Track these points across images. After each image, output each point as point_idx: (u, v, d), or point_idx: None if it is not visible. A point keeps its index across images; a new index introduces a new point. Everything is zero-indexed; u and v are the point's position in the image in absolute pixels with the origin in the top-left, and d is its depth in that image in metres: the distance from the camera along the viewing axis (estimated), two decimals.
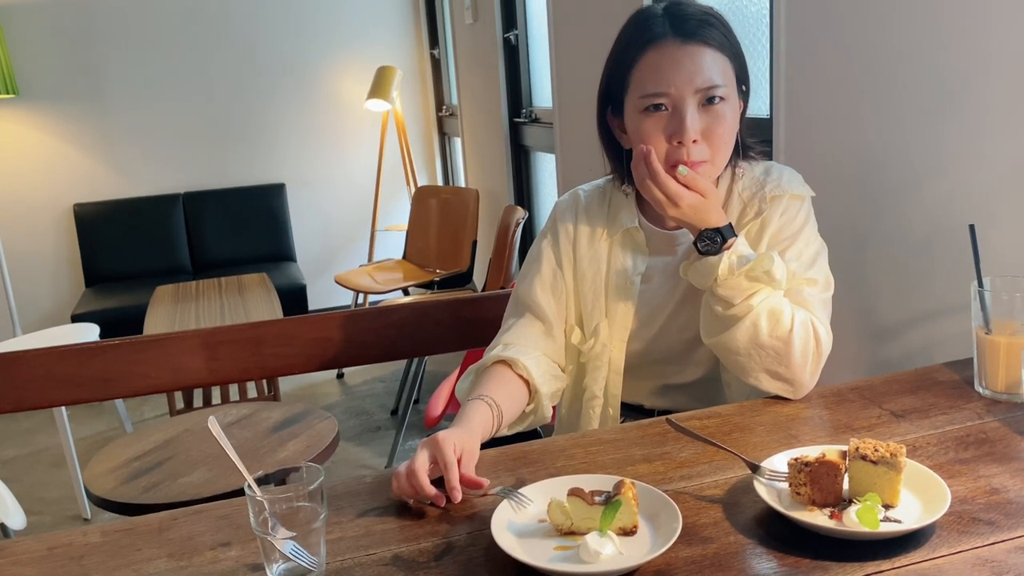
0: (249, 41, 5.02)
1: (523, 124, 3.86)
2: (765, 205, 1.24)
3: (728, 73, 1.18)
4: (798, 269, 1.21)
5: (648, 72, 1.17)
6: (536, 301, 1.32)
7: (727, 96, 1.17)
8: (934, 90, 1.38)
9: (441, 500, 0.96)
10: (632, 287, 1.29)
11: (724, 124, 1.17)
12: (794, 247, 1.22)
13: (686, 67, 1.15)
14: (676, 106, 1.16)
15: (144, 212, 4.93)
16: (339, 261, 5.34)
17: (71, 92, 4.78)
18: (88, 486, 1.86)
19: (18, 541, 0.97)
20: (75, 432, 3.33)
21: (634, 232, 1.30)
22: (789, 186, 1.26)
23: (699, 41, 1.16)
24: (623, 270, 1.30)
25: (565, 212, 1.36)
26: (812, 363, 1.17)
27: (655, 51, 1.17)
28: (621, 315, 1.29)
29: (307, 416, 2.13)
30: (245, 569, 0.88)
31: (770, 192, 1.25)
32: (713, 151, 1.18)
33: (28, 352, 1.65)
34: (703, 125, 1.16)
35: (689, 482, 0.98)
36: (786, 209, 1.24)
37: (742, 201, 1.27)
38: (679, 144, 1.16)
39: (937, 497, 0.86)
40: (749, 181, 1.28)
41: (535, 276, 1.34)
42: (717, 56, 1.17)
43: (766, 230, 1.24)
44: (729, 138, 1.19)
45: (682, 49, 1.16)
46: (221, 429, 0.93)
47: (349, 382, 4.24)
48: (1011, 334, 1.12)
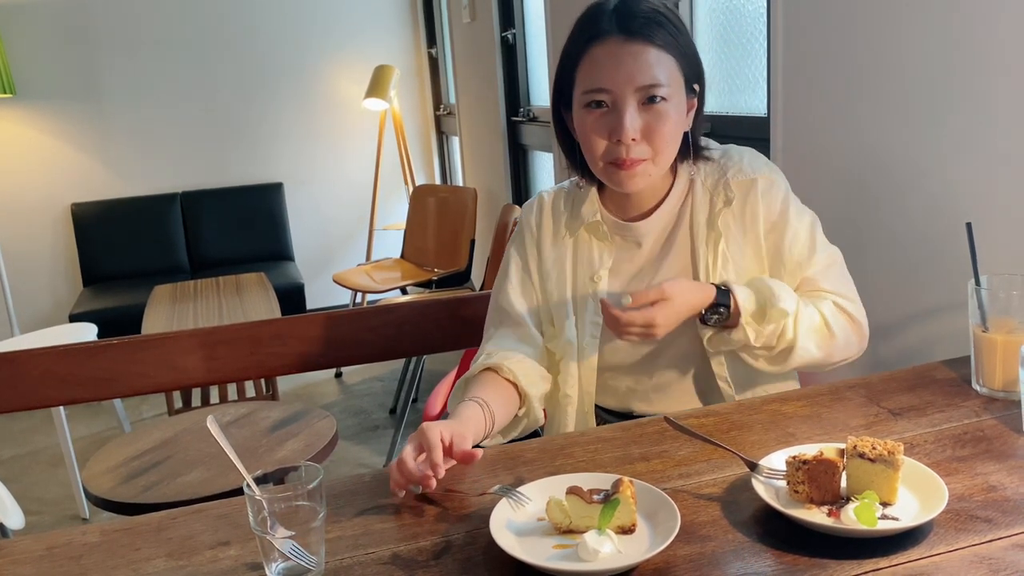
0: (247, 41, 5.01)
1: (521, 123, 3.86)
2: (732, 192, 1.24)
3: (673, 72, 1.17)
4: (800, 254, 1.22)
5: (590, 68, 1.18)
6: (511, 307, 1.33)
7: (670, 96, 1.16)
8: (931, 88, 1.38)
9: (429, 482, 0.96)
10: (600, 282, 1.28)
11: (666, 123, 1.16)
12: (788, 232, 1.23)
13: (627, 65, 1.15)
14: (616, 104, 1.16)
15: (142, 212, 4.93)
16: (337, 260, 5.34)
17: (68, 91, 4.77)
18: (87, 486, 1.86)
19: (17, 541, 0.97)
20: (73, 432, 3.33)
21: (596, 226, 1.29)
22: (753, 168, 1.24)
23: (643, 39, 1.15)
24: (589, 265, 1.29)
25: (529, 215, 1.36)
26: (856, 339, 1.24)
27: (599, 47, 1.17)
28: (591, 312, 1.28)
29: (305, 415, 2.13)
30: (244, 568, 0.88)
31: (733, 177, 1.24)
32: (655, 150, 1.18)
33: (26, 352, 1.65)
34: (643, 124, 1.16)
35: (687, 480, 0.98)
36: (764, 193, 1.23)
37: (707, 191, 1.26)
38: (618, 142, 1.16)
39: (934, 495, 0.86)
40: (710, 168, 1.27)
41: (506, 282, 1.35)
42: (661, 55, 1.16)
43: (752, 222, 1.23)
44: (672, 137, 1.19)
45: (624, 47, 1.15)
46: (219, 428, 0.93)
47: (347, 381, 4.24)
48: (1008, 332, 1.12)
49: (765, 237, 1.24)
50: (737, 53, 2.10)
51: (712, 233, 1.24)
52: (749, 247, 1.24)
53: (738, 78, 2.11)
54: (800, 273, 1.24)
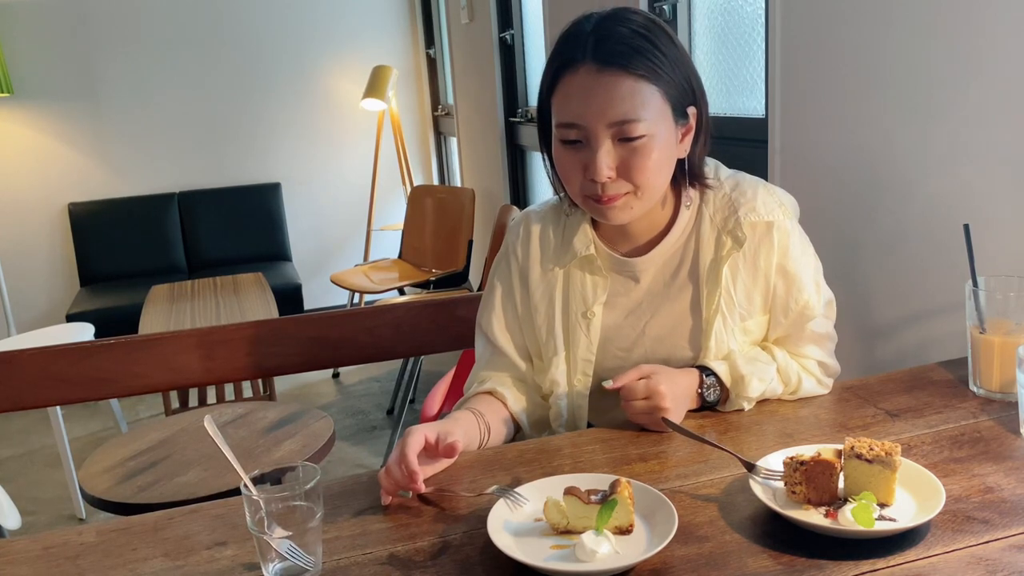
0: (245, 41, 5.01)
1: (519, 124, 3.86)
2: (743, 233, 1.14)
3: (655, 102, 1.06)
4: (804, 308, 1.17)
5: (563, 100, 1.09)
6: (496, 337, 1.27)
7: (650, 130, 1.06)
8: (929, 90, 1.38)
9: (415, 486, 0.96)
10: (594, 319, 1.20)
11: (645, 158, 1.07)
12: (796, 283, 1.17)
13: (598, 98, 1.05)
14: (588, 141, 1.07)
15: (139, 211, 4.92)
16: (335, 261, 5.33)
17: (66, 91, 4.77)
18: (83, 486, 1.86)
19: (13, 541, 0.97)
20: (70, 432, 3.32)
21: (590, 260, 1.20)
22: (768, 210, 1.15)
23: (618, 68, 1.05)
24: (581, 300, 1.20)
25: (515, 242, 1.26)
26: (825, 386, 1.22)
27: (571, 77, 1.08)
28: (583, 349, 1.20)
29: (303, 416, 2.13)
30: (241, 568, 0.87)
31: (746, 216, 1.15)
32: (635, 185, 1.09)
33: (23, 352, 1.64)
34: (620, 160, 1.07)
35: (685, 481, 0.98)
36: (779, 240, 1.15)
37: (715, 227, 1.17)
38: (592, 180, 1.08)
39: (932, 496, 0.86)
40: (720, 202, 1.17)
41: (491, 311, 1.27)
42: (639, 85, 1.05)
43: (765, 267, 1.16)
44: (656, 171, 1.09)
45: (597, 78, 1.05)
46: (217, 429, 0.93)
47: (345, 382, 4.24)
48: (1005, 333, 1.12)
49: (775, 284, 1.17)
50: (735, 54, 2.10)
51: (719, 275, 1.16)
52: (758, 293, 1.17)
53: (736, 79, 2.11)
54: (796, 325, 1.19)
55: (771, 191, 1.18)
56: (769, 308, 1.19)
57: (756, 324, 1.20)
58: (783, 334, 1.20)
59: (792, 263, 1.16)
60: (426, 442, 1.01)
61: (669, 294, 1.20)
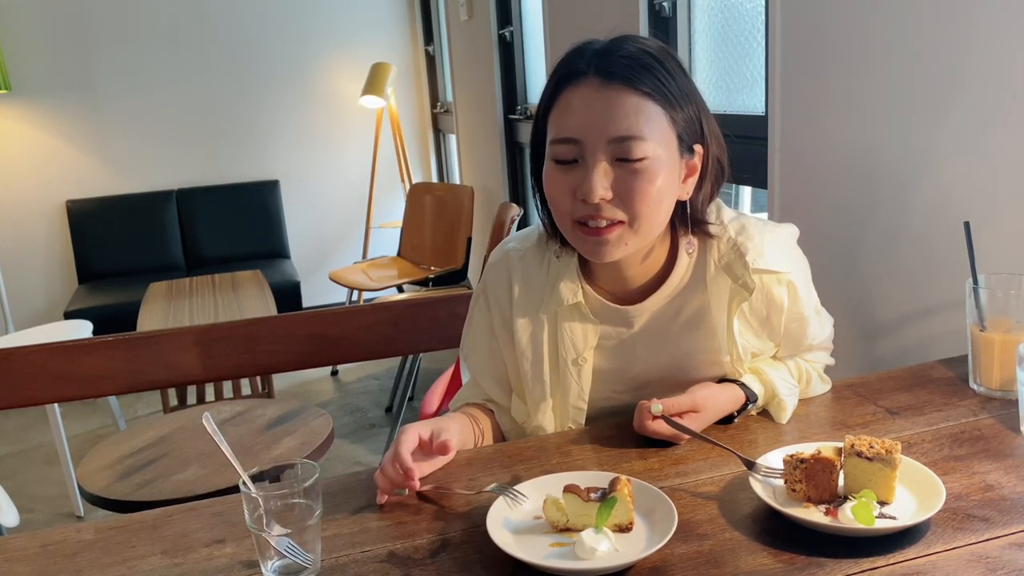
0: (243, 37, 5.00)
1: (518, 121, 3.86)
2: (751, 280, 1.07)
3: (660, 124, 0.99)
4: (810, 338, 1.16)
5: (561, 114, 1.02)
6: (479, 373, 1.22)
7: (653, 153, 0.98)
8: (930, 87, 1.38)
9: (410, 484, 0.95)
10: (585, 365, 1.13)
11: (646, 183, 0.98)
12: (803, 324, 1.13)
13: (600, 112, 0.98)
14: (585, 159, 1.00)
15: (138, 208, 4.92)
16: (333, 258, 5.33)
17: (64, 88, 4.76)
18: (81, 483, 1.85)
19: (11, 538, 0.97)
20: (68, 429, 3.32)
21: (578, 308, 1.12)
22: (776, 259, 1.08)
23: (622, 83, 0.98)
24: (572, 347, 1.12)
25: (496, 282, 1.17)
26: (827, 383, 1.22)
27: (572, 91, 1.01)
28: (574, 396, 1.14)
29: (301, 413, 2.13)
30: (240, 566, 0.87)
31: (754, 261, 1.07)
32: (631, 214, 0.99)
33: (21, 349, 1.64)
34: (617, 182, 0.99)
35: (685, 479, 0.98)
36: (790, 292, 1.10)
37: (721, 272, 1.09)
38: (584, 202, 0.99)
39: (932, 494, 0.86)
40: (725, 246, 1.09)
41: (472, 347, 1.22)
42: (644, 103, 0.98)
43: (776, 318, 1.11)
44: (656, 202, 1.00)
45: (600, 91, 0.98)
46: (215, 426, 0.92)
47: (343, 379, 4.23)
48: (1006, 331, 1.12)
49: (785, 327, 1.13)
50: (735, 51, 2.10)
51: (728, 323, 1.10)
52: (767, 333, 1.13)
53: (736, 76, 2.10)
54: (800, 346, 1.18)
55: (776, 235, 1.11)
56: (777, 343, 1.17)
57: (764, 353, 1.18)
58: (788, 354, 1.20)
59: (803, 309, 1.12)
60: (420, 440, 1.01)
61: (667, 339, 1.13)
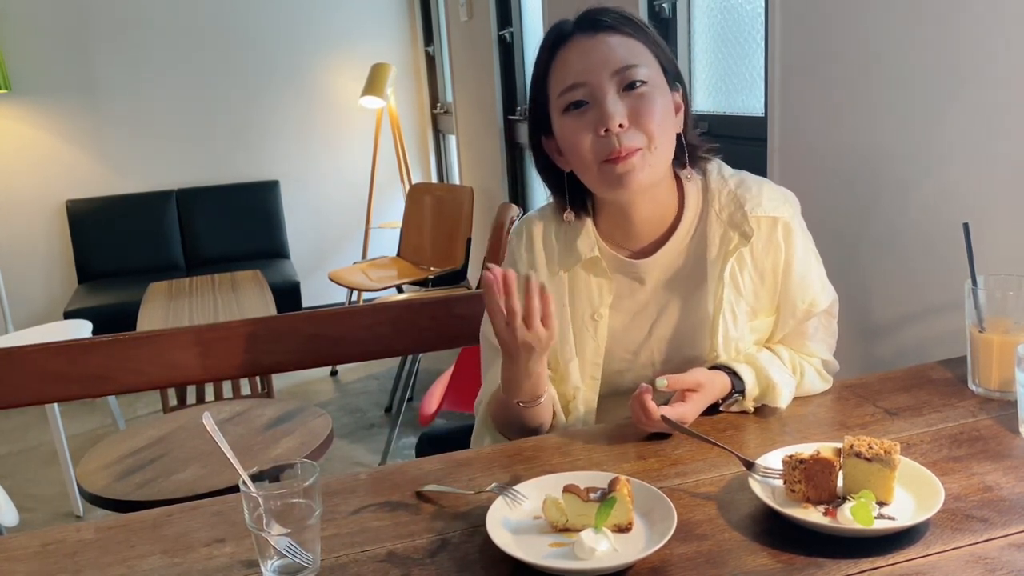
0: (244, 38, 5.00)
1: (518, 121, 3.86)
2: (749, 227, 1.14)
3: (648, 58, 1.12)
4: (809, 304, 1.17)
5: (561, 70, 1.13)
6: None
7: (650, 79, 1.11)
8: (929, 88, 1.38)
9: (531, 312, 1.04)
10: (600, 321, 1.19)
11: (653, 105, 1.09)
12: (803, 280, 1.17)
13: (598, 52, 1.10)
14: (594, 95, 1.10)
15: (137, 208, 4.91)
16: (333, 258, 5.33)
17: (64, 87, 4.76)
18: (81, 483, 1.85)
19: (11, 538, 0.97)
20: (68, 429, 3.31)
21: (595, 262, 1.19)
22: (774, 205, 1.16)
23: (606, 30, 1.12)
24: (588, 304, 1.20)
25: (519, 248, 1.25)
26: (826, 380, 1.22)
27: (564, 50, 1.13)
28: (591, 353, 1.19)
29: (301, 413, 2.13)
30: (239, 565, 0.87)
31: (751, 211, 1.15)
32: (648, 137, 1.09)
33: (20, 348, 1.64)
34: (629, 109, 1.09)
35: (684, 479, 0.98)
36: (786, 236, 1.15)
37: (722, 223, 1.17)
38: (606, 133, 1.08)
39: (931, 494, 0.86)
40: (725, 199, 1.17)
41: None
42: (630, 41, 1.12)
43: (773, 264, 1.16)
44: (664, 123, 1.11)
45: (590, 40, 1.12)
46: (215, 425, 0.92)
47: (343, 380, 4.23)
48: (1004, 332, 1.12)
49: (782, 281, 1.17)
50: (735, 52, 2.10)
51: (726, 270, 1.15)
52: (765, 290, 1.18)
53: (735, 77, 2.11)
54: (802, 324, 1.19)
55: (775, 187, 1.19)
56: (776, 307, 1.19)
57: (763, 323, 1.20)
58: (789, 332, 1.21)
59: (798, 262, 1.17)
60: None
61: (675, 295, 1.19)
